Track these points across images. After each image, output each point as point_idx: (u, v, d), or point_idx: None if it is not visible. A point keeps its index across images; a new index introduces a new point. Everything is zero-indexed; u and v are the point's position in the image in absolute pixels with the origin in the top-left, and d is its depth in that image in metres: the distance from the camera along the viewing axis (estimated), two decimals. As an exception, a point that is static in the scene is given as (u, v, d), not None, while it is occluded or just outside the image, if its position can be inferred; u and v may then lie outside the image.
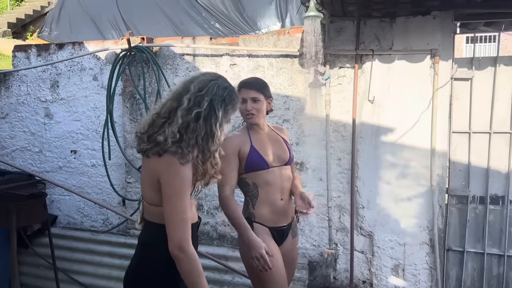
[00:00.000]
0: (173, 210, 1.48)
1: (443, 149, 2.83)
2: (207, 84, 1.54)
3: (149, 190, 1.57)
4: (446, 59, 2.77)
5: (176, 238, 1.47)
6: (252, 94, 2.18)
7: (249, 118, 2.20)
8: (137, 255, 1.63)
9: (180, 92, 1.54)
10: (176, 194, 1.48)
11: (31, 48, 3.78)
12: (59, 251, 3.57)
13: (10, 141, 3.92)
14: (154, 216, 1.58)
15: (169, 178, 1.48)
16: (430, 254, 2.91)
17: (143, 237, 1.65)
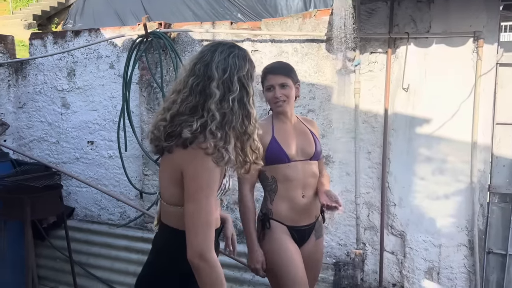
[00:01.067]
0: (197, 209, 1.29)
1: (485, 142, 2.58)
2: (228, 62, 1.34)
3: (170, 186, 1.39)
4: (491, 43, 2.51)
5: (198, 244, 1.28)
6: (280, 80, 2.01)
7: (278, 106, 2.02)
8: (149, 263, 1.49)
9: (201, 82, 1.33)
10: (202, 190, 1.29)
11: (47, 36, 3.69)
12: (76, 244, 3.50)
13: (28, 131, 3.85)
14: (171, 219, 1.42)
15: (195, 171, 1.29)
16: (469, 256, 2.67)
17: (157, 242, 1.49)
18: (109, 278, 3.44)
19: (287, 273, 1.98)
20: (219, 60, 1.34)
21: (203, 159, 1.29)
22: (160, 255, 1.46)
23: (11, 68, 3.79)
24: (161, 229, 1.48)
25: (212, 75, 1.32)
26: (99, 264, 3.50)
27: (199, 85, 1.32)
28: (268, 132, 2.01)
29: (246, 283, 3.05)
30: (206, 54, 1.37)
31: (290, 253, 2.01)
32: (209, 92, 1.31)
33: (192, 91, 1.33)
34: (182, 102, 1.34)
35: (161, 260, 1.44)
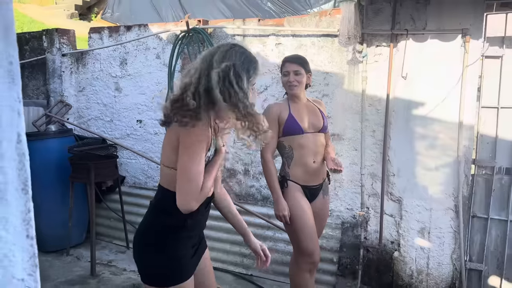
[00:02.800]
0: (189, 159, 1.53)
1: (469, 123, 3.05)
2: (227, 54, 1.59)
3: (167, 150, 1.64)
4: (476, 38, 2.95)
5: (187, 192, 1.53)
6: (294, 68, 2.54)
7: (291, 89, 2.56)
8: (145, 218, 1.76)
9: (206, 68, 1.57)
10: (194, 144, 1.54)
11: (104, 30, 4.34)
12: (127, 206, 4.16)
13: (86, 111, 4.55)
14: (164, 180, 1.67)
15: (188, 132, 1.54)
16: (455, 219, 3.17)
17: (154, 200, 1.76)
18: (154, 234, 4.12)
19: (300, 221, 2.56)
20: (221, 51, 1.60)
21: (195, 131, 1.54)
22: (153, 211, 1.72)
23: (73, 57, 4.48)
24: (158, 188, 1.73)
25: (212, 64, 1.56)
26: (146, 223, 4.18)
27: (206, 70, 1.56)
28: (286, 109, 2.57)
29: (269, 239, 3.65)
30: (211, 49, 1.65)
31: (302, 206, 2.58)
32: (211, 77, 1.54)
33: (201, 75, 1.57)
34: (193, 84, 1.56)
35: (153, 215, 1.71)
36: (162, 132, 4.05)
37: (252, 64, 1.64)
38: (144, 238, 1.71)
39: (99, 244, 4.23)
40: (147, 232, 1.71)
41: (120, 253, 4.09)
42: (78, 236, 4.19)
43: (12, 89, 0.60)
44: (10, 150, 0.60)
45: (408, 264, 3.34)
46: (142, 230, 1.74)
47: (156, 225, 1.69)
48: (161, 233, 1.67)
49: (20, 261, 0.65)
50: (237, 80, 1.56)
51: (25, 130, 0.63)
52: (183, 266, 1.71)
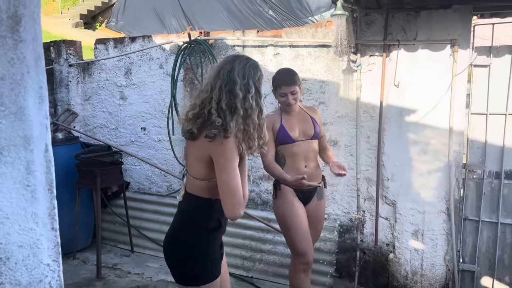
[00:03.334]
0: (228, 177, 1.66)
1: (459, 128, 3.17)
2: (245, 70, 1.71)
3: (197, 165, 1.76)
4: (464, 48, 3.08)
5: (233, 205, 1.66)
6: (291, 89, 2.63)
7: (290, 108, 2.68)
8: (178, 222, 1.86)
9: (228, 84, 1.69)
10: (229, 162, 1.67)
11: (109, 41, 4.51)
12: (132, 211, 4.29)
13: (92, 119, 4.71)
14: (197, 189, 1.78)
15: (222, 151, 1.66)
16: (447, 221, 3.28)
17: (185, 207, 1.85)
18: (158, 238, 4.20)
19: (293, 222, 2.68)
20: (239, 68, 1.71)
21: (228, 144, 1.67)
22: (189, 216, 1.82)
23: (79, 67, 4.65)
24: (187, 197, 1.84)
25: (235, 80, 1.69)
26: (151, 227, 4.27)
27: (226, 87, 1.69)
28: (278, 121, 2.70)
29: (268, 242, 3.77)
30: (227, 63, 1.74)
31: (295, 208, 2.71)
32: (235, 93, 1.68)
33: (221, 91, 1.69)
34: (214, 100, 1.69)
35: (189, 220, 1.82)
36: (166, 139, 4.20)
37: (262, 77, 1.80)
38: (181, 241, 1.81)
39: (105, 248, 4.36)
40: (184, 236, 1.81)
41: (124, 256, 4.22)
42: (84, 240, 4.33)
43: (42, 108, 0.74)
44: (39, 157, 0.74)
45: (403, 265, 3.45)
46: (178, 235, 1.83)
47: (193, 229, 1.80)
48: (199, 235, 1.79)
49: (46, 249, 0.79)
50: (256, 97, 1.72)
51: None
52: (217, 264, 1.87)
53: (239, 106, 1.68)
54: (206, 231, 1.80)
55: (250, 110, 1.70)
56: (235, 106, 1.68)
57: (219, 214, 1.81)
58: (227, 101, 1.69)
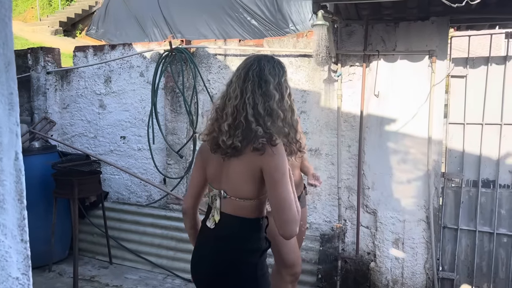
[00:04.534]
0: (285, 191, 1.52)
1: (438, 138, 3.22)
2: (275, 69, 1.58)
3: (245, 184, 1.59)
4: (442, 59, 3.15)
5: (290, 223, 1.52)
6: None
7: None
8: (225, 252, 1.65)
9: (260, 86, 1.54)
10: (284, 176, 1.53)
11: (88, 49, 4.44)
12: (110, 222, 4.20)
13: (70, 128, 4.62)
14: (243, 211, 1.62)
15: (276, 163, 1.52)
16: (427, 230, 3.32)
17: (228, 232, 1.65)
18: (137, 249, 4.13)
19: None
20: (269, 68, 1.57)
21: (280, 152, 1.54)
22: (239, 241, 1.64)
23: (58, 75, 4.57)
24: (229, 221, 1.64)
25: (268, 80, 1.54)
26: (130, 238, 4.19)
27: (260, 89, 1.53)
28: None
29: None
30: (253, 63, 1.59)
31: None
32: (269, 94, 1.53)
33: (254, 94, 1.53)
34: (249, 105, 1.53)
35: (241, 245, 1.64)
36: (146, 148, 4.14)
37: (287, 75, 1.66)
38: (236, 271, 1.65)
39: (82, 260, 4.25)
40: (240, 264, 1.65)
41: (103, 268, 4.12)
42: (61, 252, 4.21)
43: (12, 115, 0.71)
44: (9, 166, 0.71)
45: (384, 274, 3.46)
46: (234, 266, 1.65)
47: (249, 254, 1.64)
48: (255, 259, 1.65)
49: (15, 261, 0.75)
50: (290, 97, 1.59)
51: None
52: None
53: (276, 108, 1.53)
54: (261, 253, 1.66)
55: (286, 112, 1.56)
56: (272, 109, 1.53)
57: (266, 233, 1.72)
58: (263, 104, 1.54)
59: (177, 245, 3.94)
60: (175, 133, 4.03)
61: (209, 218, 1.72)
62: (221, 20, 8.16)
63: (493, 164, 3.23)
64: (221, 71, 3.89)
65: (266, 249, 1.71)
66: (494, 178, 3.24)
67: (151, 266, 4.01)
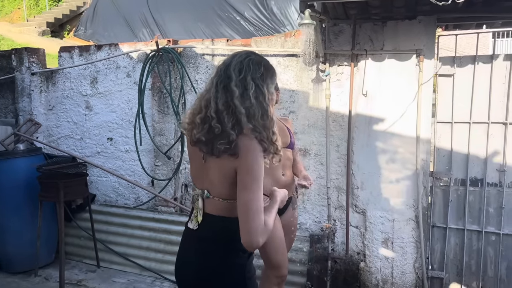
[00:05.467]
0: (251, 198, 1.45)
1: (426, 137, 3.22)
2: (243, 64, 1.53)
3: (224, 183, 1.55)
4: (429, 58, 3.15)
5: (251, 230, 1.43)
6: None
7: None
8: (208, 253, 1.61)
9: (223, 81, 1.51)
10: (255, 181, 1.46)
11: (74, 49, 4.37)
12: (97, 225, 4.14)
13: (56, 129, 4.54)
14: (226, 211, 1.59)
15: (248, 165, 1.47)
16: (416, 229, 3.31)
17: (211, 233, 1.62)
18: (125, 252, 4.07)
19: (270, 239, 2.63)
20: (236, 63, 1.54)
21: (252, 154, 1.47)
22: (222, 241, 1.59)
23: (43, 76, 4.49)
24: (212, 221, 1.60)
25: (231, 76, 1.50)
26: (117, 241, 4.13)
27: (221, 84, 1.50)
28: None
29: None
30: (228, 59, 1.58)
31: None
32: (230, 90, 1.49)
33: (217, 89, 1.51)
34: (213, 99, 1.50)
35: (225, 245, 1.59)
36: (133, 150, 4.08)
37: (272, 74, 1.59)
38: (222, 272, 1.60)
39: (69, 264, 4.18)
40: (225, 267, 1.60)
41: (90, 272, 4.05)
42: (47, 256, 4.13)
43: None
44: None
45: (374, 274, 3.45)
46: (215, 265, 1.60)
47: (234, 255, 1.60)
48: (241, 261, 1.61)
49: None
50: (257, 95, 1.50)
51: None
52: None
53: (238, 104, 1.48)
54: (248, 254, 1.61)
55: (252, 110, 1.48)
56: (234, 105, 1.48)
57: None
58: (223, 100, 1.49)
59: (166, 248, 3.89)
60: (163, 134, 3.98)
61: (192, 219, 1.67)
62: (211, 21, 8.08)
63: (481, 163, 3.24)
64: (208, 71, 3.85)
65: (251, 252, 1.65)
66: (482, 176, 3.24)
67: (140, 269, 3.95)
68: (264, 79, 1.54)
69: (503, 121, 3.17)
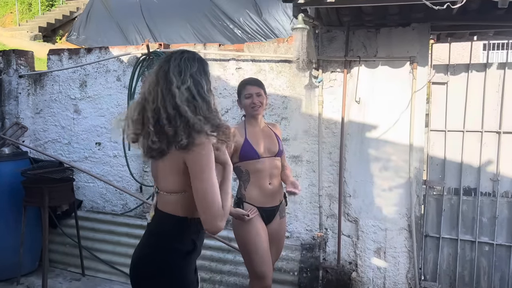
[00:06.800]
0: (204, 186, 1.50)
1: (419, 145, 3.18)
2: (181, 66, 1.58)
3: (170, 176, 1.60)
4: (423, 65, 3.12)
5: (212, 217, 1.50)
6: (256, 90, 2.60)
7: (255, 110, 2.60)
8: (146, 245, 1.66)
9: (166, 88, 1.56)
10: (206, 169, 1.51)
11: (63, 52, 4.30)
12: (83, 231, 4.02)
13: (43, 133, 4.44)
14: (170, 207, 1.62)
15: (196, 157, 1.51)
16: (408, 238, 3.26)
17: (154, 227, 1.67)
18: (111, 260, 3.96)
19: (253, 244, 2.55)
20: (174, 66, 1.58)
21: (202, 148, 1.51)
22: (160, 237, 1.63)
23: (31, 79, 4.40)
24: (159, 216, 1.66)
25: (171, 80, 1.55)
26: (104, 248, 4.01)
27: (165, 90, 1.55)
28: (242, 135, 2.59)
29: (229, 262, 3.61)
30: (163, 64, 1.61)
31: (257, 229, 2.58)
32: (173, 93, 1.54)
33: (163, 96, 1.55)
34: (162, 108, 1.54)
35: (161, 241, 1.62)
36: (122, 155, 3.99)
37: (205, 66, 1.65)
38: (152, 266, 1.62)
39: (53, 272, 4.05)
40: (155, 260, 1.62)
41: (75, 280, 3.93)
42: (30, 264, 4.00)
43: None
44: None
45: (366, 284, 3.38)
46: (148, 259, 1.64)
47: (166, 252, 1.62)
48: (173, 259, 1.62)
49: None
50: (193, 87, 1.56)
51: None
52: None
53: (179, 103, 1.53)
54: (181, 253, 1.63)
55: (197, 104, 1.55)
56: (178, 105, 1.53)
57: (195, 235, 1.66)
58: (171, 104, 1.54)
59: (153, 256, 3.78)
60: (153, 139, 3.90)
61: (149, 213, 1.76)
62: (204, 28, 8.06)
63: (474, 172, 3.21)
64: (200, 76, 3.79)
65: (188, 252, 1.66)
66: (476, 185, 3.21)
67: (125, 277, 3.83)
68: (201, 72, 1.61)
69: (497, 130, 3.14)
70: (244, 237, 2.58)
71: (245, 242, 2.57)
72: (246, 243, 2.57)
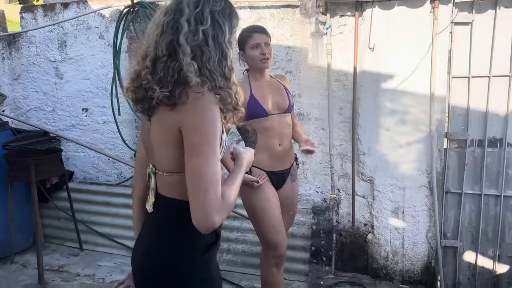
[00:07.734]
0: (202, 163, 1.09)
1: (442, 94, 2.88)
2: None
3: (164, 151, 1.21)
4: (445, 3, 2.76)
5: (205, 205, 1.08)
6: (265, 39, 2.26)
7: (264, 62, 2.25)
8: (156, 242, 1.27)
9: (172, 19, 1.17)
10: (206, 141, 1.11)
11: (37, 9, 3.85)
12: (78, 204, 3.78)
13: (24, 101, 4.06)
14: (175, 190, 1.23)
15: (196, 121, 1.11)
16: (429, 196, 3.03)
17: (162, 219, 1.28)
18: (110, 233, 3.75)
19: (264, 211, 2.29)
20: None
21: (202, 106, 1.13)
22: (173, 230, 1.25)
23: (4, 41, 3.96)
24: (163, 204, 1.27)
25: (183, 10, 1.16)
26: (101, 221, 3.80)
27: (170, 22, 1.17)
28: (246, 90, 2.26)
29: (235, 229, 3.40)
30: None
31: (267, 195, 2.31)
32: (178, 26, 1.15)
33: (163, 29, 1.17)
34: (156, 42, 1.17)
35: (174, 235, 1.25)
36: (112, 121, 3.66)
37: (233, 10, 1.24)
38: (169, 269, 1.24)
39: (49, 248, 3.84)
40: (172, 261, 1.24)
41: (72, 256, 3.72)
42: (24, 241, 3.77)
43: None
44: None
45: (383, 246, 3.19)
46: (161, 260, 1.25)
47: (184, 250, 1.24)
48: (193, 258, 1.25)
49: None
50: (215, 34, 1.16)
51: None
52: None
53: (182, 42, 1.13)
54: (202, 249, 1.25)
55: (204, 49, 1.14)
56: (179, 44, 1.13)
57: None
58: (168, 38, 1.14)
59: (154, 227, 3.56)
60: (144, 102, 3.56)
61: (148, 200, 1.33)
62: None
63: (500, 121, 2.92)
64: (192, 28, 3.40)
65: (210, 245, 1.28)
66: (502, 136, 2.93)
67: (127, 250, 3.62)
68: (226, 14, 1.20)
69: (527, 73, 2.83)
70: (253, 204, 2.32)
71: (254, 210, 2.32)
72: (256, 211, 2.31)
